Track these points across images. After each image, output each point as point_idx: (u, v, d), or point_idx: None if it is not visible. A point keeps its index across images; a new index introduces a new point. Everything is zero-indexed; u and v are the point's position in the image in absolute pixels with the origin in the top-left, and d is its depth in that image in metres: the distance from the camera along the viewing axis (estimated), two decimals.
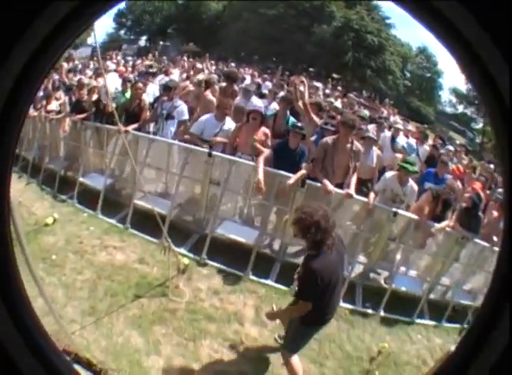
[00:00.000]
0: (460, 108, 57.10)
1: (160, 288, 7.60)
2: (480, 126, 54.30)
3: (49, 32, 1.35)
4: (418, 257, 9.51)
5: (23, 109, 1.46)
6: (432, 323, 8.59)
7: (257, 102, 11.34)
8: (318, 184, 8.25)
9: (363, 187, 9.48)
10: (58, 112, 12.44)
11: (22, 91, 1.38)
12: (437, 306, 8.87)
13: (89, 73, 19.02)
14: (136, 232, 9.17)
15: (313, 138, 9.11)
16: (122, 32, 59.99)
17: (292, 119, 9.65)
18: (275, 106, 11.57)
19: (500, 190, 13.92)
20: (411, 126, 18.98)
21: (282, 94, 12.06)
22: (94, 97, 11.71)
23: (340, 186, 8.45)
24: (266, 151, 8.51)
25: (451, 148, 18.88)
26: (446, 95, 59.68)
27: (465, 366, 1.44)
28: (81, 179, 10.78)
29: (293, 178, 8.12)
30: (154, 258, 8.32)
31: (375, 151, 9.79)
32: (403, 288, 8.82)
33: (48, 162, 12.21)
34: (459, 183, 10.71)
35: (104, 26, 55.93)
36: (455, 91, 56.36)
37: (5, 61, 1.30)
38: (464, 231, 8.42)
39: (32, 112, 13.02)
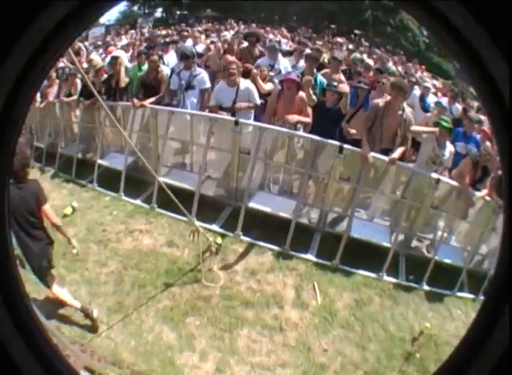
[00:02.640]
0: None
1: (192, 273, 7.35)
2: None
3: (49, 32, 1.30)
4: (458, 225, 9.25)
5: (23, 109, 1.41)
6: (470, 296, 8.42)
7: (283, 61, 11.09)
8: (358, 150, 8.05)
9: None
10: (69, 95, 12.03)
11: (22, 91, 1.33)
12: (475, 277, 8.66)
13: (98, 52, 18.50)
14: (164, 211, 8.78)
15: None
16: (135, 8, 59.93)
17: (320, 78, 9.75)
18: (303, 64, 11.17)
19: None
20: (439, 83, 18.52)
21: (307, 51, 11.83)
22: (104, 76, 11.29)
23: (386, 152, 8.17)
24: (308, 121, 8.41)
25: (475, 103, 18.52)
26: None
27: (464, 367, 1.38)
28: (100, 161, 10.32)
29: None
30: (184, 239, 7.95)
31: (406, 108, 9.13)
32: (446, 260, 8.59)
33: (63, 148, 11.86)
34: (489, 144, 10.13)
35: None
36: None
37: (4, 61, 1.25)
38: (500, 199, 8.17)
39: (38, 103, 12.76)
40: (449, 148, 8.50)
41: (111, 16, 52.99)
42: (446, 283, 8.29)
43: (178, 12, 56.57)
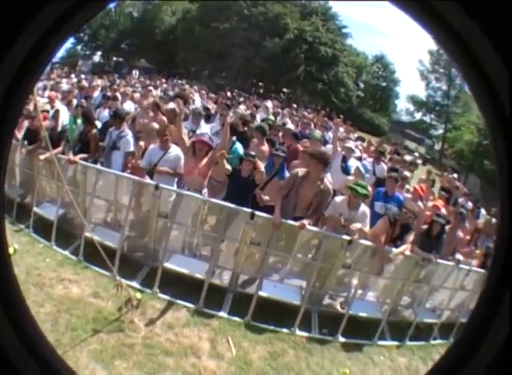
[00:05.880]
0: (418, 116, 57.96)
1: (116, 323, 7.64)
2: (440, 132, 55.25)
3: (46, 30, 1.39)
4: (376, 280, 9.52)
5: (21, 105, 1.55)
6: (395, 343, 8.77)
7: (205, 128, 11.51)
8: (269, 216, 8.34)
9: None
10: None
11: (19, 88, 1.43)
12: (399, 326, 9.08)
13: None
14: (89, 265, 9.12)
15: (263, 165, 9.03)
16: (79, 47, 60.01)
17: (236, 146, 9.97)
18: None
19: (470, 204, 14.04)
20: (364, 143, 18.68)
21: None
22: (46, 123, 11.06)
23: (299, 220, 8.35)
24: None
25: (408, 158, 18.77)
26: (402, 104, 60.52)
27: (462, 362, 1.47)
28: (35, 208, 10.54)
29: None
30: (107, 292, 8.32)
31: (325, 177, 9.32)
32: (362, 314, 8.91)
33: (6, 189, 11.65)
34: (420, 204, 10.54)
35: None
36: (413, 99, 57.56)
37: (2, 58, 1.34)
38: (424, 253, 8.47)
39: None
40: (363, 210, 8.68)
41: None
42: (365, 335, 8.64)
43: (114, 59, 56.90)
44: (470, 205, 14.93)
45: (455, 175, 22.38)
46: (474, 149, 43.40)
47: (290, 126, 15.06)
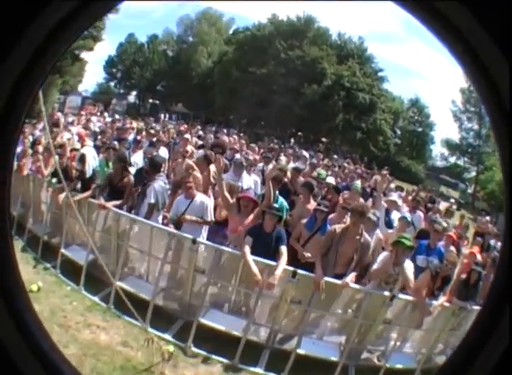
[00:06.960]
0: (452, 160, 57.89)
1: (145, 373, 7.40)
2: (473, 174, 55.05)
3: (50, 31, 1.35)
4: (413, 332, 9.25)
5: (25, 106, 1.47)
6: None
7: (247, 180, 11.19)
8: (311, 275, 8.06)
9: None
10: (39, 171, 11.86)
11: (23, 90, 1.40)
12: (431, 373, 8.52)
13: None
14: (119, 313, 8.86)
15: (304, 221, 8.91)
16: (112, 83, 60.67)
17: (281, 200, 9.57)
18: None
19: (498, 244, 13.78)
20: (403, 194, 18.53)
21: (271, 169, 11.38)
22: (74, 164, 11.07)
23: (340, 277, 8.12)
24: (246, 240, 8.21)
25: (445, 205, 18.70)
26: (437, 149, 60.54)
27: (464, 367, 1.44)
28: (63, 250, 10.31)
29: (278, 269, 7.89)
30: (137, 342, 8.06)
31: (377, 234, 9.28)
32: (398, 365, 8.62)
33: (32, 224, 11.73)
34: (453, 249, 10.43)
35: (94, 74, 56.86)
36: (447, 143, 57.53)
37: (6, 59, 1.31)
38: (461, 303, 8.35)
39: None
40: (408, 266, 8.28)
41: (88, 86, 54.11)
42: None
43: (150, 101, 57.33)
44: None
45: (487, 218, 22.21)
46: None
47: (331, 178, 14.77)
